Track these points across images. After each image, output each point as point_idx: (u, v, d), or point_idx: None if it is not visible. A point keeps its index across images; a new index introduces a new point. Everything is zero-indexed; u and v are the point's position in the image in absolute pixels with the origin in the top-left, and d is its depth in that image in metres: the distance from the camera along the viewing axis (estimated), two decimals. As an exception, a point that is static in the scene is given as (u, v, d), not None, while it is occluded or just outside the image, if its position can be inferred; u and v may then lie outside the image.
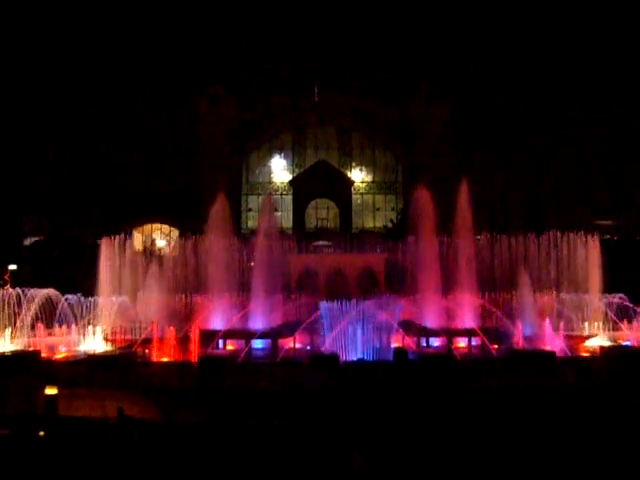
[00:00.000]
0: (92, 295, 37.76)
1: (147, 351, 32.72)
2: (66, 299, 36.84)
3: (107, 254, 40.92)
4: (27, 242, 73.58)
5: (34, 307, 35.36)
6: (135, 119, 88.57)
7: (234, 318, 36.28)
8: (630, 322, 37.73)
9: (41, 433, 18.46)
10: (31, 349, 31.79)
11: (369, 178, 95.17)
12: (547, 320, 33.65)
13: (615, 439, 17.46)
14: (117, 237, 43.19)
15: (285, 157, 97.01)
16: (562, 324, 34.95)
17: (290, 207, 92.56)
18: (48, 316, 37.42)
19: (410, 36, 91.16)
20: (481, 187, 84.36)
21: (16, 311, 34.67)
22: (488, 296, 40.44)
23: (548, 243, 43.38)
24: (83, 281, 38.87)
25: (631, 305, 38.08)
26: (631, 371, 25.52)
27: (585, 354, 32.50)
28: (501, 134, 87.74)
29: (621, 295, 38.70)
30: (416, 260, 42.39)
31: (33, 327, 35.60)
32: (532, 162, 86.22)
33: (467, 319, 36.58)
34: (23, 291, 35.88)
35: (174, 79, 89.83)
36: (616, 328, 36.77)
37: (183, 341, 32.59)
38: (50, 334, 36.19)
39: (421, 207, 39.44)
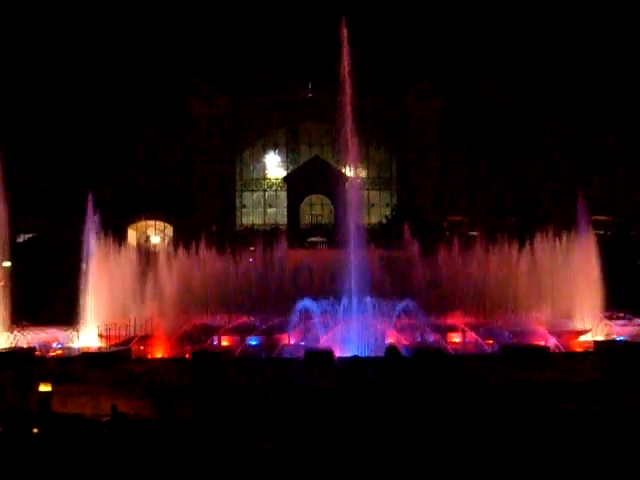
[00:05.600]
0: (84, 292, 37.67)
1: (142, 348, 32.72)
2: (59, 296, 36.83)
3: (99, 251, 40.76)
4: (20, 239, 73.38)
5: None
6: (128, 117, 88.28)
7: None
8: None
9: (35, 430, 18.42)
10: (26, 346, 31.71)
11: (363, 174, 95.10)
12: (541, 316, 33.81)
13: (610, 435, 17.50)
14: (110, 234, 43.06)
15: (279, 153, 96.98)
16: (556, 320, 35.12)
17: (284, 203, 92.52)
18: (43, 313, 37.41)
19: (404, 32, 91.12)
20: (475, 183, 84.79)
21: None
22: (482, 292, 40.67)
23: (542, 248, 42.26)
24: (76, 278, 38.73)
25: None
26: (625, 366, 25.61)
27: (579, 349, 32.61)
28: (496, 130, 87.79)
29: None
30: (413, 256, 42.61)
31: (27, 324, 35.58)
32: (527, 158, 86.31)
33: (462, 315, 36.68)
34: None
35: (166, 77, 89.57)
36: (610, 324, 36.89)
37: (178, 338, 32.62)
38: (44, 331, 36.18)
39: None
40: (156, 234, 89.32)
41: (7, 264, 38.42)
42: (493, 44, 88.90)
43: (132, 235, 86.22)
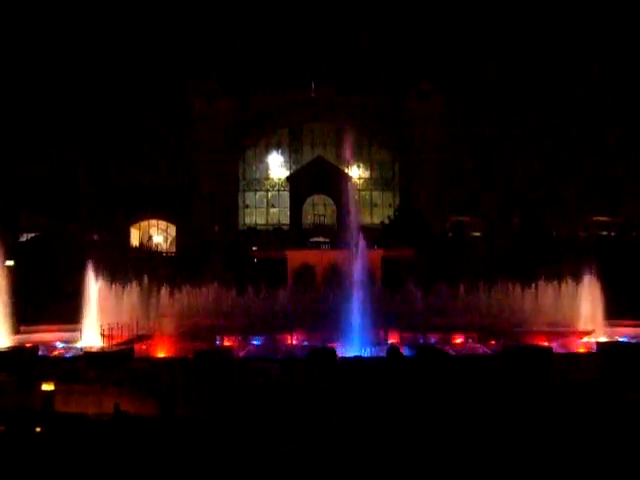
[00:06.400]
0: (87, 291, 37.67)
1: (145, 347, 32.75)
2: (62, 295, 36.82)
3: (102, 250, 40.81)
4: (24, 238, 73.51)
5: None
6: (131, 116, 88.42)
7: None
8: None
9: (38, 429, 18.46)
10: (28, 345, 31.73)
11: (366, 175, 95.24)
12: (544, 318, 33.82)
13: (611, 435, 17.51)
14: (113, 233, 43.13)
15: (282, 153, 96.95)
16: (559, 321, 35.12)
17: (287, 203, 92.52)
18: (46, 312, 37.43)
19: (406, 32, 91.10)
20: (478, 183, 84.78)
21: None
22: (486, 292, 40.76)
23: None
24: (79, 277, 38.71)
25: None
26: (628, 367, 25.58)
27: (582, 350, 32.57)
28: (499, 130, 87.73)
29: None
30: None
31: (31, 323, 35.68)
32: (529, 158, 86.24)
33: (464, 315, 36.72)
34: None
35: (169, 76, 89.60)
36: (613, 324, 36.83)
37: (181, 337, 32.68)
38: (47, 330, 36.27)
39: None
40: (159, 234, 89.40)
41: (10, 263, 38.49)
42: (495, 43, 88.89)
43: (135, 234, 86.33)
